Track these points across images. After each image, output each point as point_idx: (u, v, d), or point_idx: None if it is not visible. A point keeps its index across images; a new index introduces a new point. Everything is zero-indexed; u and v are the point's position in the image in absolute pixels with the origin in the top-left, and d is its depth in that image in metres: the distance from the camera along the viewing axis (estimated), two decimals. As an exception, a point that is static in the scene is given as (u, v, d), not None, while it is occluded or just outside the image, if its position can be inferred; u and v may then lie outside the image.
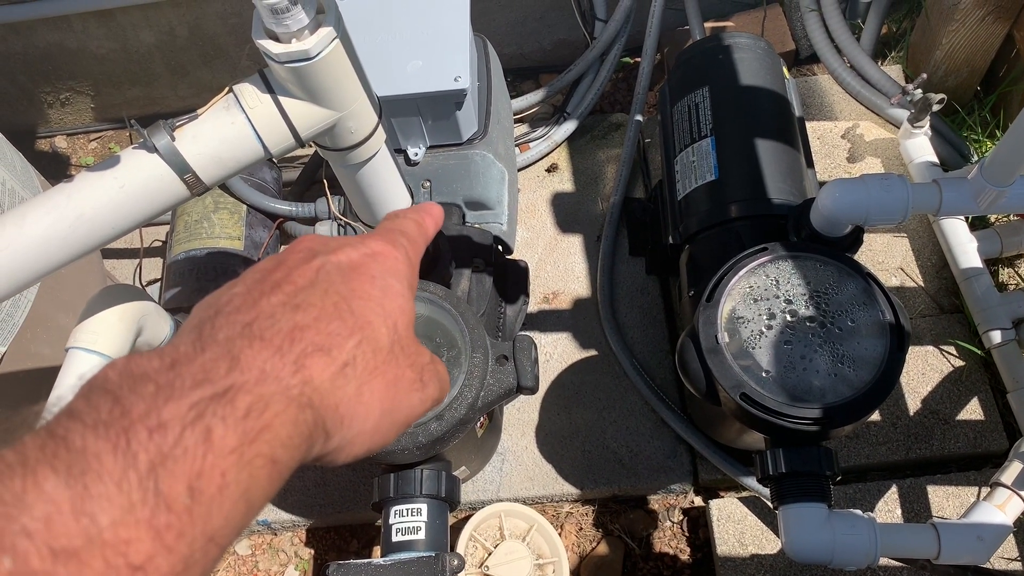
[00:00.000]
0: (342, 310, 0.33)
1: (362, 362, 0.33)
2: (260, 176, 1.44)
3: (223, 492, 0.26)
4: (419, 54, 1.15)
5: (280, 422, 0.29)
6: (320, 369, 0.31)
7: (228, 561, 1.37)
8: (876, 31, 1.60)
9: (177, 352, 0.29)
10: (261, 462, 0.28)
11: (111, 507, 0.24)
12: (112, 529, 0.23)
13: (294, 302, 0.32)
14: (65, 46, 1.65)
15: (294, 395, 0.30)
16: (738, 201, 1.13)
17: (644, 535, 1.31)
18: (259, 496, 0.28)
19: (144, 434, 0.25)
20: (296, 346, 0.31)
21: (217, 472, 0.26)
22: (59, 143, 1.90)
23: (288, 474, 0.29)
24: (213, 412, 0.27)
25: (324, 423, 0.31)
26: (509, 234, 1.28)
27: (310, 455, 0.31)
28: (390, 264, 0.37)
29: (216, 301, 0.33)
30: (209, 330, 0.30)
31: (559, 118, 1.63)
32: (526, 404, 1.38)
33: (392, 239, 0.39)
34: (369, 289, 0.35)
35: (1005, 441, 1.25)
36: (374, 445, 0.34)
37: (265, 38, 0.69)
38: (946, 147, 1.47)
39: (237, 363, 0.29)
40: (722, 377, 0.93)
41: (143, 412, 0.26)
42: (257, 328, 0.31)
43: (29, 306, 1.18)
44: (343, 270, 0.35)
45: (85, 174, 0.71)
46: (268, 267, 0.35)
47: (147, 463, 0.25)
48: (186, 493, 0.25)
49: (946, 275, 1.39)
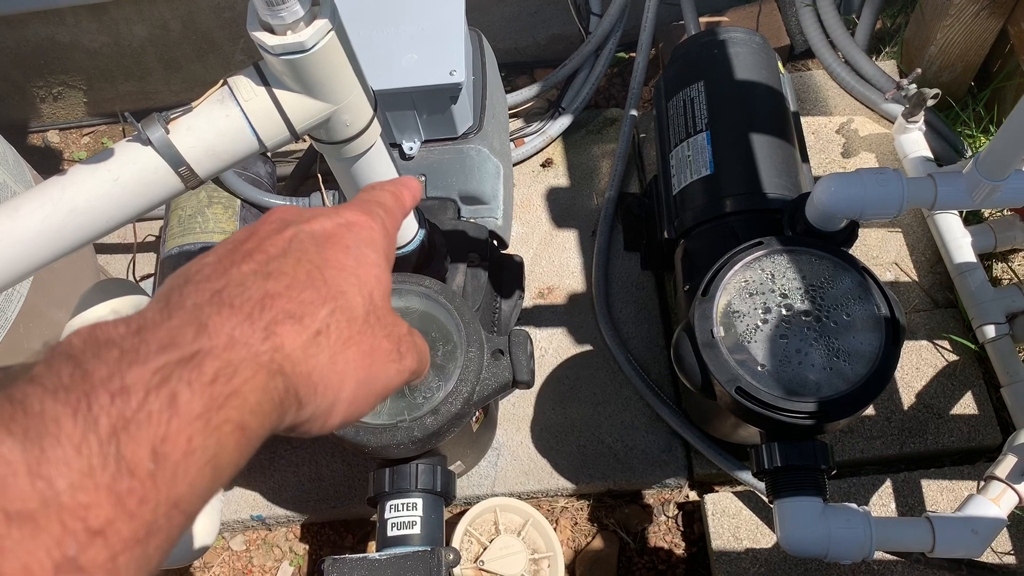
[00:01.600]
0: (315, 279, 0.33)
1: (335, 331, 0.32)
2: (254, 171, 1.43)
3: (189, 458, 0.26)
4: (414, 48, 1.15)
5: (249, 388, 0.28)
6: (291, 336, 0.30)
7: (222, 557, 1.37)
8: (871, 26, 1.61)
9: (144, 319, 0.28)
10: (229, 428, 0.27)
11: (69, 471, 0.23)
12: (70, 493, 0.23)
13: (265, 270, 0.32)
14: (57, 40, 1.65)
15: (264, 361, 0.29)
16: (733, 196, 1.13)
17: (639, 530, 1.32)
18: (227, 463, 0.27)
19: (106, 398, 0.25)
20: (267, 313, 0.30)
21: (183, 437, 0.26)
22: (51, 138, 1.89)
23: (258, 443, 0.29)
24: (179, 377, 0.26)
25: (296, 391, 0.30)
26: (504, 229, 1.28)
27: (282, 423, 0.31)
28: (365, 234, 0.37)
29: (186, 271, 0.32)
30: (177, 298, 0.30)
31: (554, 113, 1.63)
32: (521, 399, 1.38)
33: (368, 209, 0.39)
34: (343, 259, 0.34)
35: (999, 435, 1.26)
36: (350, 416, 0.34)
37: (260, 30, 0.68)
38: (940, 142, 1.48)
39: (205, 329, 0.28)
40: (717, 371, 0.93)
41: (105, 376, 0.25)
42: (227, 295, 0.30)
43: (22, 300, 1.17)
44: (316, 239, 0.35)
45: (79, 167, 0.71)
46: (240, 237, 0.34)
47: (108, 427, 0.24)
48: (149, 458, 0.25)
49: (940, 270, 1.39)
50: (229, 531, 1.38)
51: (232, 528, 1.37)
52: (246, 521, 1.35)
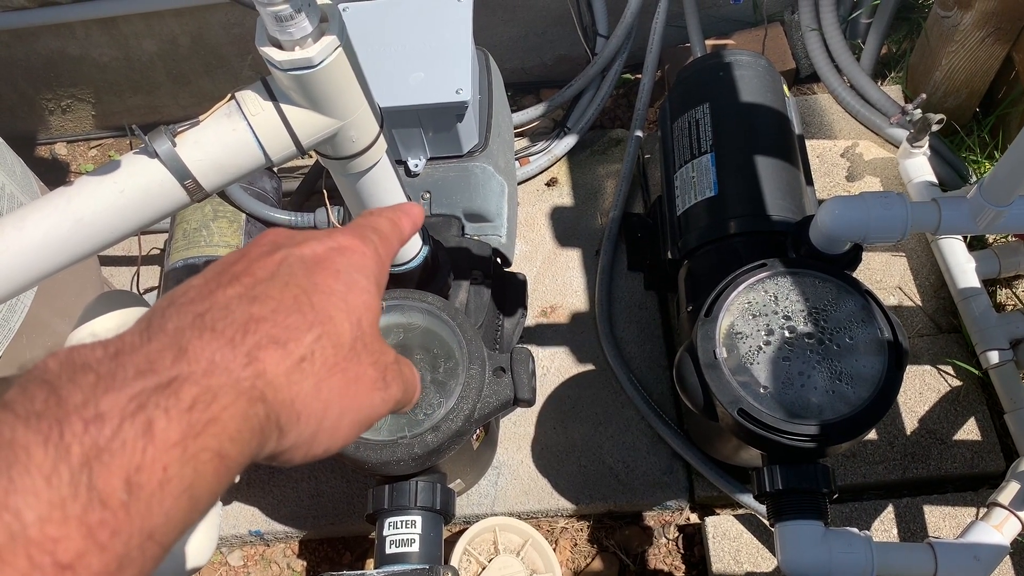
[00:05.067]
0: (302, 303, 0.32)
1: (321, 357, 0.31)
2: (260, 185, 1.44)
3: (164, 488, 0.25)
4: (421, 66, 1.16)
5: (229, 415, 0.27)
6: (274, 362, 0.30)
7: (219, 572, 1.36)
8: (876, 51, 1.61)
9: (122, 342, 0.28)
10: (207, 456, 0.26)
11: (38, 503, 0.22)
12: (38, 526, 0.22)
13: (251, 294, 0.31)
14: (68, 53, 1.66)
15: (245, 388, 0.28)
16: (737, 217, 1.13)
17: (639, 552, 1.31)
18: (205, 492, 0.27)
19: (79, 426, 0.24)
20: (250, 338, 0.29)
21: (158, 466, 0.25)
22: (59, 150, 1.90)
23: (238, 470, 0.28)
24: (156, 403, 0.26)
25: (278, 418, 0.30)
26: (508, 247, 1.28)
27: (263, 452, 0.30)
28: (357, 259, 0.36)
29: (172, 293, 0.31)
30: (159, 320, 0.29)
31: (559, 133, 1.63)
32: (522, 418, 1.37)
33: (362, 234, 0.38)
34: (332, 283, 0.34)
35: (1002, 462, 1.25)
36: (333, 445, 0.33)
37: (268, 45, 0.69)
38: (945, 167, 1.48)
39: (184, 354, 0.28)
40: (720, 392, 0.92)
41: (80, 403, 0.25)
42: (209, 319, 0.29)
43: (26, 311, 1.17)
44: (306, 263, 0.34)
45: (85, 178, 0.71)
46: (230, 260, 0.34)
47: (81, 456, 0.24)
48: (123, 488, 0.24)
49: (944, 295, 1.39)
50: (227, 546, 1.37)
51: (230, 543, 1.36)
52: (244, 536, 1.35)
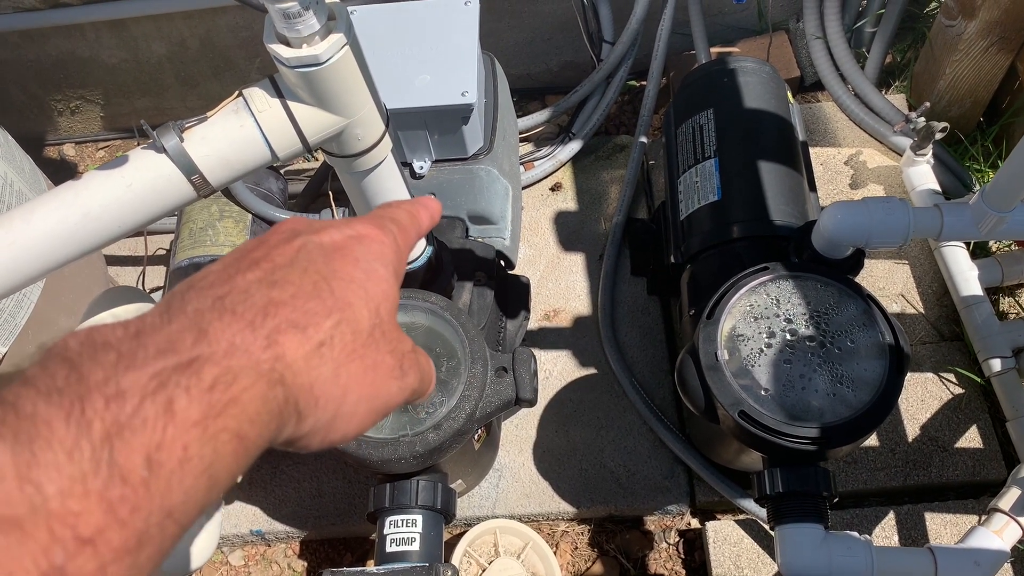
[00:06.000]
0: (321, 289, 0.32)
1: (340, 343, 0.32)
2: (266, 186, 1.45)
3: (184, 466, 0.25)
4: (428, 69, 1.16)
5: (248, 397, 0.27)
6: (294, 346, 0.30)
7: (220, 571, 1.37)
8: (880, 60, 1.62)
9: (143, 323, 0.28)
10: (227, 437, 0.26)
11: (59, 476, 0.22)
12: (59, 499, 0.22)
13: (271, 279, 0.31)
14: (77, 55, 1.67)
15: (264, 370, 0.28)
16: (740, 222, 1.14)
17: (639, 556, 1.31)
18: (224, 473, 0.27)
19: (100, 402, 0.24)
20: (269, 321, 0.30)
21: (178, 445, 0.25)
22: (67, 151, 1.92)
23: (257, 453, 0.28)
24: (176, 383, 0.26)
25: (296, 402, 0.30)
26: (512, 249, 1.29)
27: (281, 435, 0.30)
28: (375, 248, 0.36)
29: (191, 278, 0.32)
30: (179, 303, 0.29)
31: (564, 138, 1.64)
32: (524, 420, 1.38)
33: (381, 224, 0.38)
34: (352, 271, 0.34)
35: (1004, 470, 1.25)
36: (350, 431, 0.33)
37: (276, 42, 0.70)
38: (948, 176, 1.48)
39: (205, 335, 0.28)
40: (721, 394, 0.93)
41: (101, 380, 0.25)
42: (229, 302, 0.30)
43: (31, 307, 1.18)
44: (325, 250, 0.34)
45: (93, 173, 0.72)
46: (249, 246, 0.34)
47: (102, 432, 0.24)
48: (143, 465, 0.24)
49: (947, 303, 1.39)
50: (228, 545, 1.37)
51: (231, 542, 1.37)
52: (245, 536, 1.35)
